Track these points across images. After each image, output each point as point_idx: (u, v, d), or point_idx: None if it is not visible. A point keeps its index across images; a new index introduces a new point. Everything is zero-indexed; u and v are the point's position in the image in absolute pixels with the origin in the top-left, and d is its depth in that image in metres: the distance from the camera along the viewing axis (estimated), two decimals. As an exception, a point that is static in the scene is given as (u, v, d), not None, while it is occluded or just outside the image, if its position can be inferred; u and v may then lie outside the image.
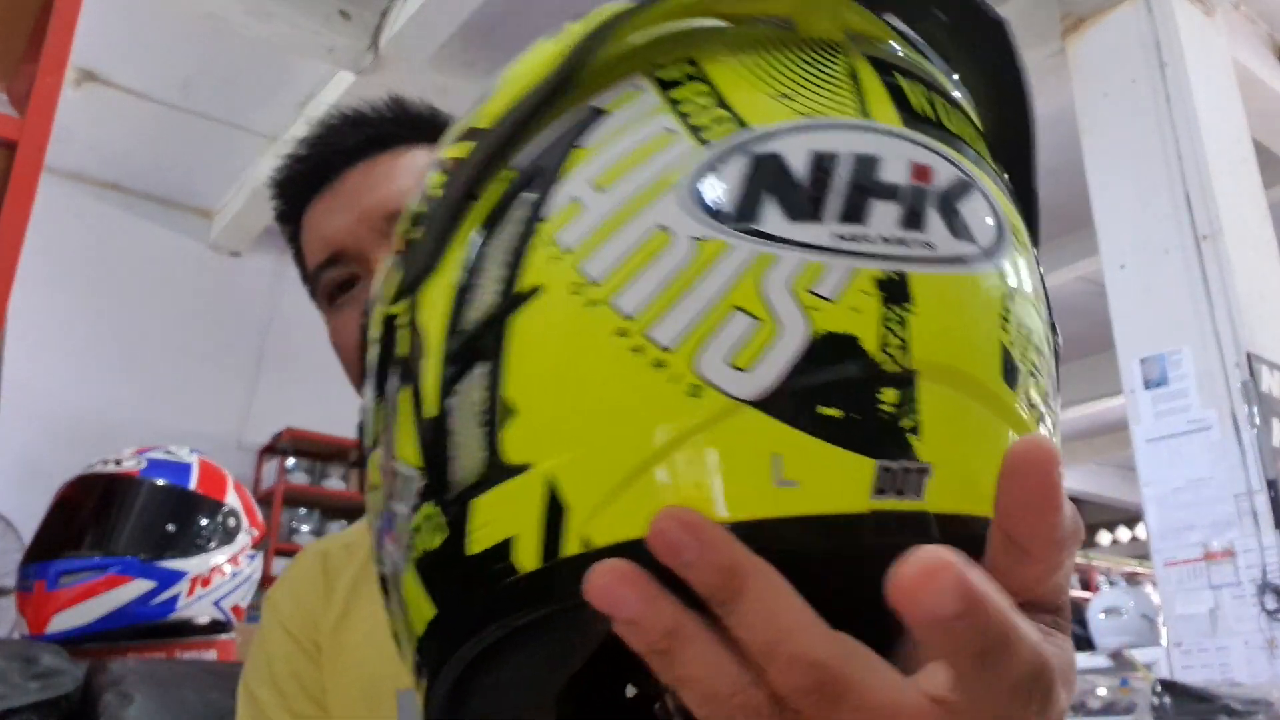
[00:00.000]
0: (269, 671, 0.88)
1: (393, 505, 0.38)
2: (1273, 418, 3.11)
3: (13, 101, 1.56)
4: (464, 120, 0.40)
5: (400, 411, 0.38)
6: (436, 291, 0.37)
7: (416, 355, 0.37)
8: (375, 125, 0.92)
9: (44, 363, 5.18)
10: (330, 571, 0.93)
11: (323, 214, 0.90)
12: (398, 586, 0.39)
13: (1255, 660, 2.97)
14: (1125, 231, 3.51)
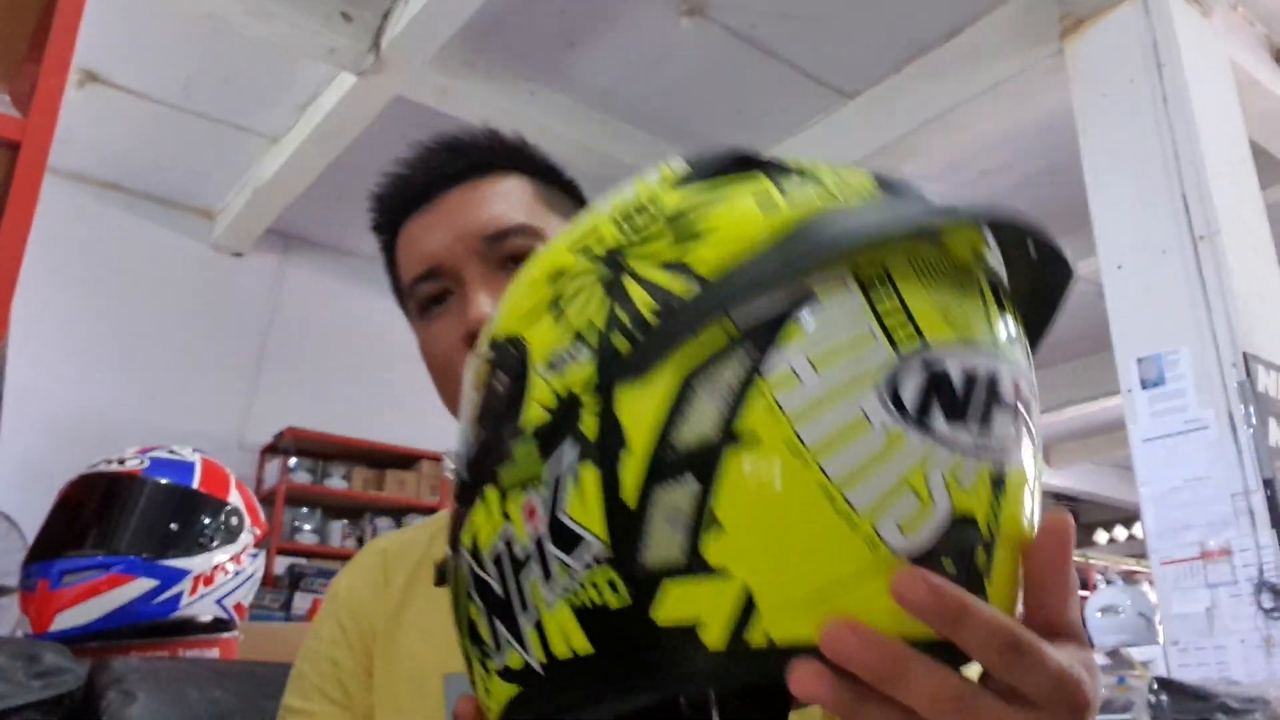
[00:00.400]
0: (315, 652, 0.97)
1: (550, 549, 0.46)
2: (1269, 417, 3.11)
3: (15, 102, 1.57)
4: (653, 241, 0.49)
5: (584, 483, 0.45)
6: (645, 401, 0.45)
7: (613, 446, 0.45)
8: (475, 153, 1.00)
9: (46, 363, 5.19)
10: (389, 567, 1.00)
11: (422, 230, 0.97)
12: (527, 610, 0.48)
13: (1252, 659, 2.98)
14: (1123, 232, 3.52)
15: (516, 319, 0.52)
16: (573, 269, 0.50)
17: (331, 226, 6.40)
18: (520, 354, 0.50)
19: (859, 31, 4.50)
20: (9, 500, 3.82)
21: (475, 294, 0.91)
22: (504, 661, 0.50)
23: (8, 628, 3.11)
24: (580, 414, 0.46)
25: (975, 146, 5.22)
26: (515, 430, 0.48)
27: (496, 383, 0.51)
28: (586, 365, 0.46)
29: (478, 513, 0.50)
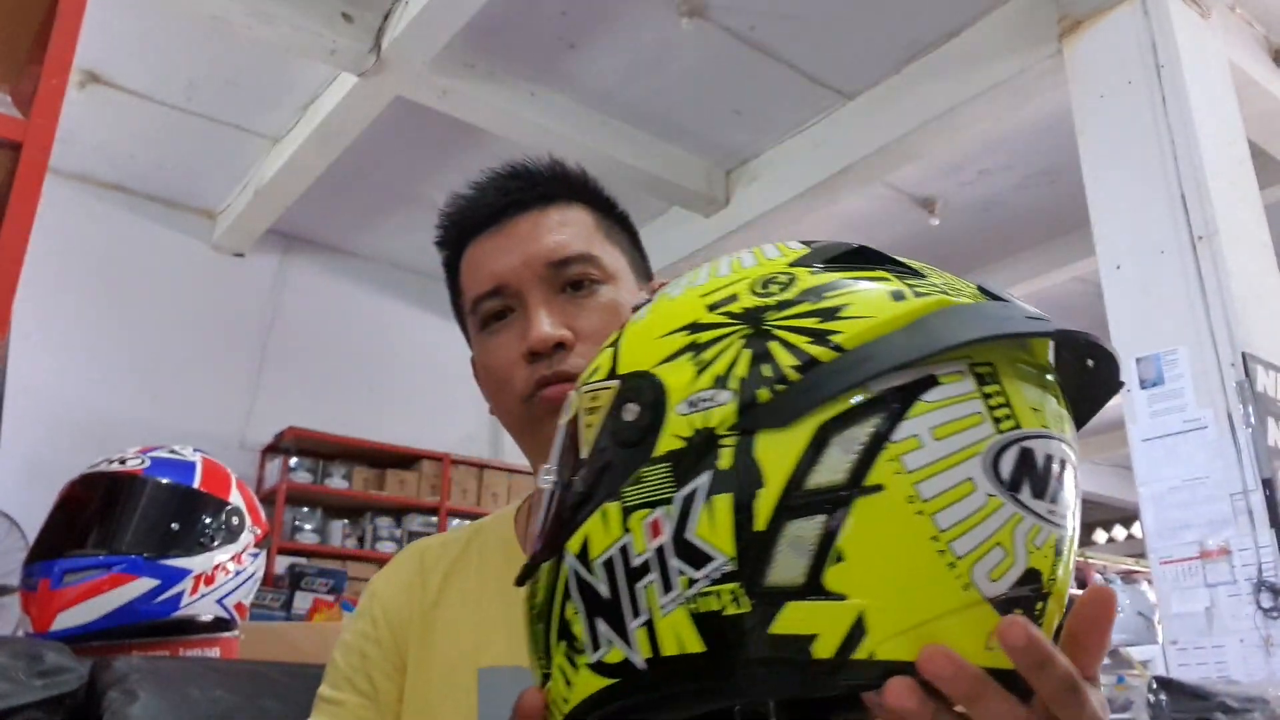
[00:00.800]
0: (347, 645, 1.03)
1: (673, 562, 0.54)
2: (1268, 417, 3.12)
3: (17, 103, 1.57)
4: (792, 308, 0.57)
5: (717, 509, 0.53)
6: (784, 446, 0.53)
7: (749, 481, 0.53)
8: (544, 182, 1.06)
9: (47, 362, 5.20)
10: (426, 567, 1.07)
11: (490, 251, 1.03)
12: (638, 612, 0.55)
13: (1251, 658, 2.99)
14: (1122, 232, 3.52)
15: (647, 358, 0.59)
16: (708, 321, 0.58)
17: (332, 227, 6.41)
18: (657, 391, 0.57)
19: (858, 32, 4.51)
20: (10, 500, 3.83)
21: (537, 314, 0.98)
22: (600, 656, 0.56)
23: (9, 627, 3.12)
24: (718, 450, 0.54)
25: (974, 147, 5.23)
26: (645, 456, 0.56)
27: (626, 412, 0.58)
28: (728, 408, 0.54)
29: (593, 523, 0.57)
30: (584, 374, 0.65)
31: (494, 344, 1.02)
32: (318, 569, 3.60)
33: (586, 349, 0.96)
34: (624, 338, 0.63)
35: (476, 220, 1.05)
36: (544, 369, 0.96)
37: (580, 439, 0.61)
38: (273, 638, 2.19)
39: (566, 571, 0.59)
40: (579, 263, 1.01)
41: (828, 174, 5.09)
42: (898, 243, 6.15)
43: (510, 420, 1.05)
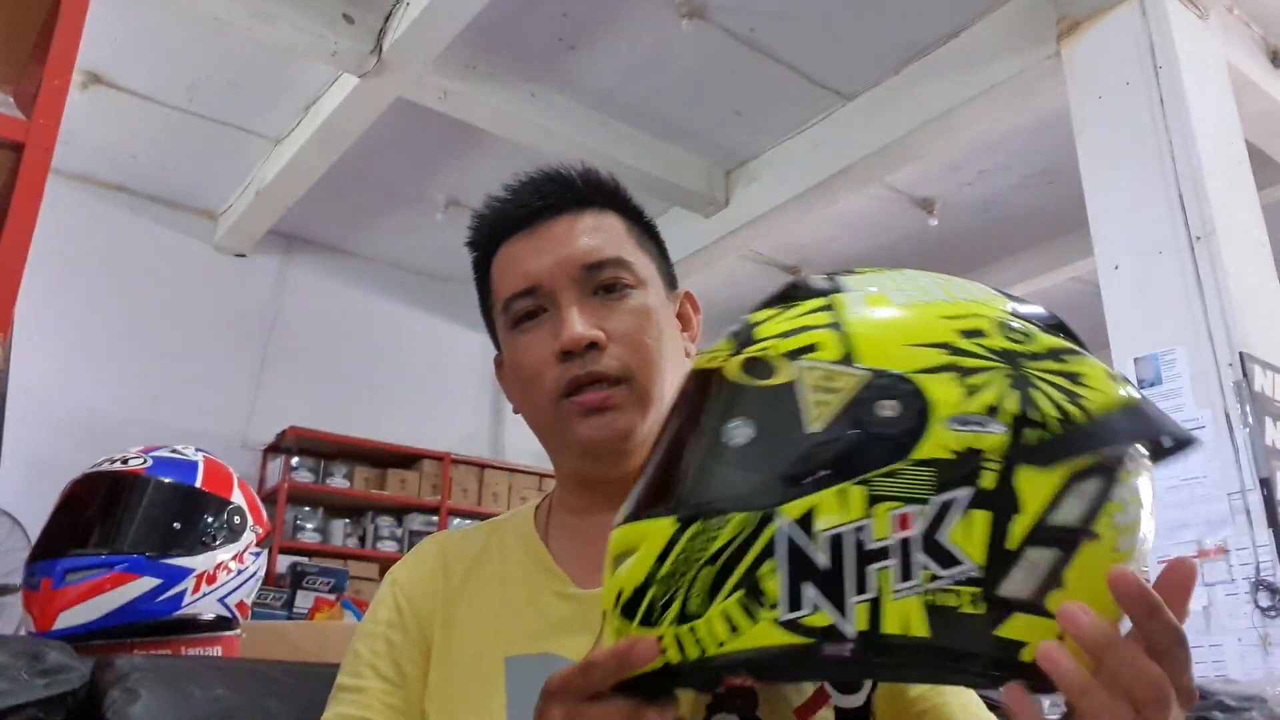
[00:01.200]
0: (372, 632, 1.04)
1: (918, 556, 0.61)
2: (1266, 417, 3.12)
3: (19, 104, 1.58)
4: (1041, 362, 0.66)
5: (974, 522, 0.61)
6: (1040, 484, 0.62)
7: (1007, 505, 0.61)
8: (579, 188, 1.08)
9: (49, 362, 5.21)
10: (449, 558, 1.09)
11: (524, 252, 1.05)
12: (864, 589, 0.61)
13: (1249, 657, 2.99)
14: (1120, 232, 3.53)
15: (899, 361, 0.65)
16: (967, 348, 0.66)
17: (334, 227, 6.42)
18: (920, 400, 0.63)
19: (858, 33, 4.51)
20: (12, 499, 3.84)
21: (570, 314, 0.99)
22: (796, 616, 0.62)
23: (11, 626, 3.13)
24: (981, 471, 0.62)
25: (973, 147, 5.23)
26: (903, 454, 0.62)
27: (882, 408, 0.63)
28: (1000, 439, 0.62)
29: (828, 497, 0.62)
30: (786, 344, 0.68)
31: (525, 342, 1.03)
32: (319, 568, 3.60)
33: (618, 350, 0.99)
34: (851, 328, 0.68)
35: (511, 222, 1.07)
36: (576, 368, 0.98)
37: (804, 410, 0.65)
38: (274, 637, 2.20)
39: (774, 531, 0.63)
40: (612, 266, 1.03)
41: (827, 174, 5.09)
42: (897, 243, 6.15)
43: (539, 419, 1.05)
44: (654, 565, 0.67)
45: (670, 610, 0.66)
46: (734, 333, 0.73)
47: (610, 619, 0.71)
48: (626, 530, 0.71)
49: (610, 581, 0.71)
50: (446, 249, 6.53)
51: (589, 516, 1.04)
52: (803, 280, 0.77)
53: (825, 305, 0.71)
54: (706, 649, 0.64)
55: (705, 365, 0.73)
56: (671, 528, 0.66)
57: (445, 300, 6.94)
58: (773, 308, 0.74)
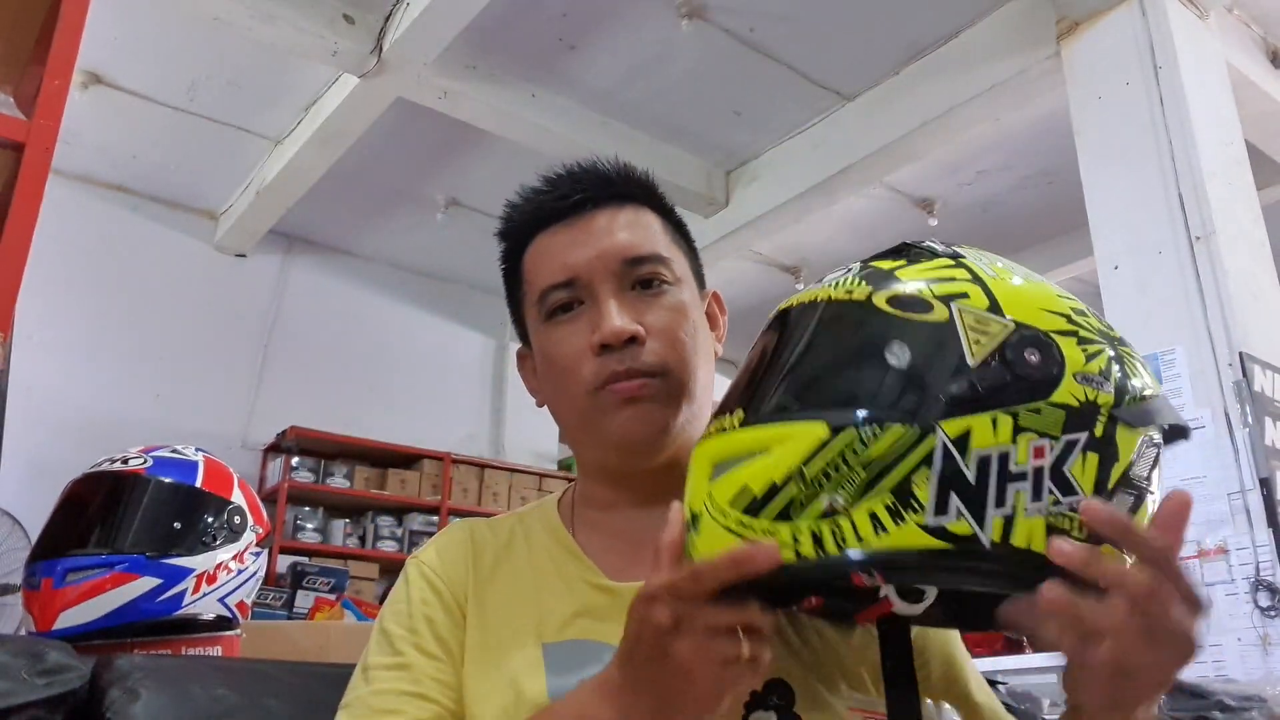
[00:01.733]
0: (407, 611, 1.03)
1: (1048, 482, 0.70)
2: (1265, 417, 3.13)
3: (20, 104, 1.58)
4: (1125, 347, 0.79)
5: (1087, 461, 0.71)
6: (1130, 441, 0.73)
7: (1110, 453, 0.72)
8: (620, 183, 1.09)
9: (50, 362, 5.21)
10: (477, 543, 1.09)
11: (564, 243, 1.04)
12: (1002, 505, 0.69)
13: (1249, 657, 2.99)
14: (1119, 232, 3.53)
15: (1038, 320, 0.75)
16: (1082, 324, 0.76)
17: (334, 227, 6.42)
18: (1057, 352, 0.73)
19: (857, 34, 4.51)
20: (13, 499, 3.84)
21: (609, 307, 0.99)
22: (942, 522, 0.69)
23: (12, 626, 3.13)
24: (1096, 420, 0.72)
25: (973, 148, 5.23)
26: (1044, 396, 0.71)
27: (1030, 354, 0.72)
28: (1107, 397, 0.73)
29: (980, 421, 0.70)
30: (938, 288, 0.76)
31: (561, 334, 1.03)
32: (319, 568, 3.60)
33: (656, 345, 0.99)
34: (992, 285, 0.77)
35: (549, 213, 1.07)
36: (615, 363, 0.98)
37: (965, 346, 0.73)
38: (274, 636, 2.19)
39: (933, 444, 0.70)
40: (651, 262, 1.03)
41: (827, 175, 5.10)
42: (896, 243, 6.14)
43: (572, 411, 1.04)
44: (800, 465, 0.71)
45: (813, 505, 0.71)
46: (863, 275, 0.81)
47: (720, 517, 0.75)
48: (749, 433, 0.76)
49: (722, 484, 0.76)
50: (446, 249, 6.55)
51: (615, 511, 1.05)
52: (917, 242, 0.85)
53: (955, 264, 0.80)
54: (847, 544, 0.70)
55: (840, 298, 0.79)
56: (822, 431, 0.72)
57: (445, 300, 6.95)
58: (886, 258, 0.83)
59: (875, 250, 0.87)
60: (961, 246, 0.84)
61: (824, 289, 0.82)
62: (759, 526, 0.73)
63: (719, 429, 0.79)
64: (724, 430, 0.78)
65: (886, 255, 0.84)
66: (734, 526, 0.74)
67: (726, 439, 0.78)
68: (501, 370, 7.09)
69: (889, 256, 0.83)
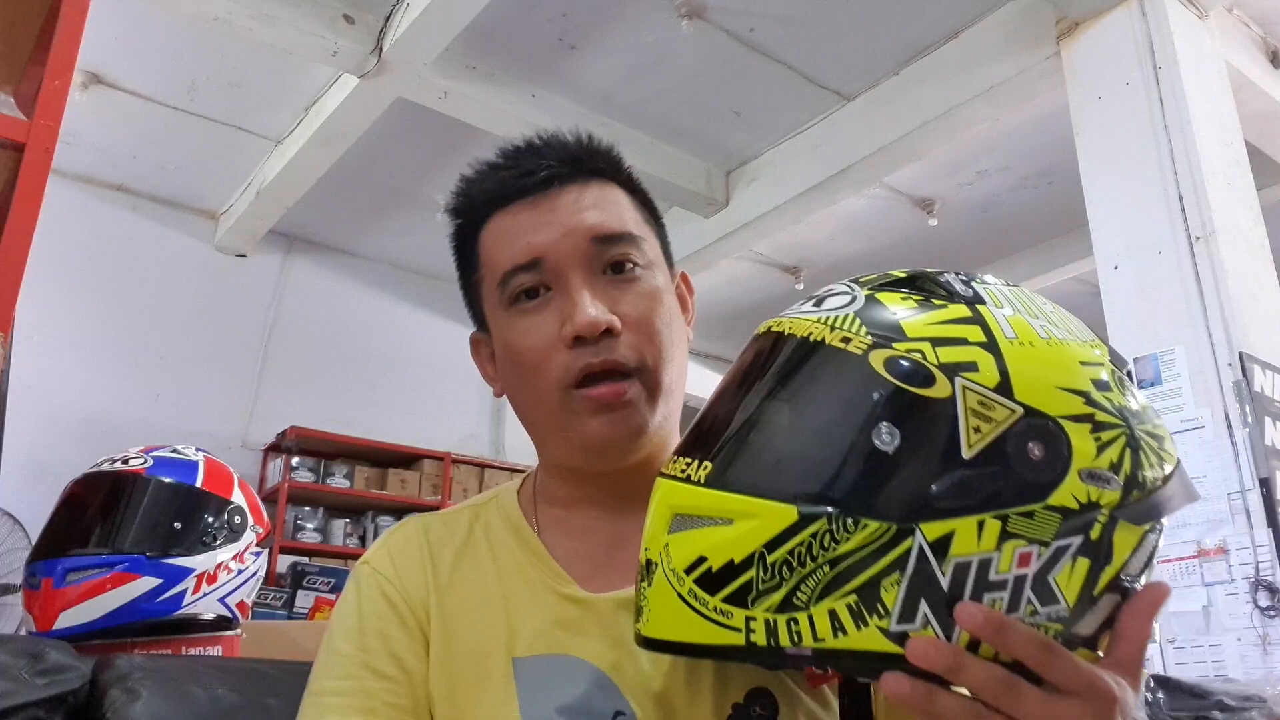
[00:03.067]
0: (357, 627, 0.95)
1: (1028, 592, 0.65)
2: (1265, 417, 3.13)
3: (20, 104, 1.58)
4: (1145, 425, 0.71)
5: (1077, 567, 0.65)
6: (1128, 539, 0.68)
7: (1104, 557, 0.66)
8: (587, 157, 1.01)
9: (50, 362, 5.21)
10: (433, 543, 1.01)
11: (528, 222, 0.96)
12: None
13: (1249, 656, 2.99)
14: (1119, 232, 3.53)
15: (1049, 403, 0.67)
16: (1099, 401, 0.68)
17: (334, 227, 6.42)
18: (1066, 449, 0.66)
19: (857, 34, 4.51)
20: (13, 499, 3.84)
21: (581, 296, 0.92)
22: (904, 629, 0.64)
23: (12, 626, 3.13)
24: (1095, 523, 0.66)
25: (973, 148, 5.23)
26: (1041, 498, 0.65)
27: (1033, 450, 0.65)
28: (1113, 494, 0.66)
29: (965, 525, 0.64)
30: (944, 353, 0.68)
31: (527, 325, 0.95)
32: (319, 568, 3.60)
33: (632, 338, 0.92)
34: (1006, 355, 0.68)
35: (510, 189, 0.98)
36: (589, 356, 0.91)
37: (962, 435, 0.66)
38: (275, 636, 2.20)
39: (910, 547, 0.64)
40: (624, 242, 0.96)
41: (827, 175, 5.10)
42: (897, 244, 6.16)
43: (538, 408, 0.96)
44: (762, 548, 0.66)
45: (771, 597, 0.66)
46: (867, 318, 0.72)
47: (674, 580, 0.70)
48: (714, 496, 0.70)
49: (680, 543, 0.70)
50: (446, 249, 6.49)
51: (579, 509, 1.00)
52: (934, 274, 0.75)
53: (971, 316, 0.71)
54: (802, 641, 0.65)
55: (836, 344, 0.71)
56: (790, 516, 0.66)
57: (445, 300, 6.94)
58: (898, 291, 0.74)
59: (876, 250, 0.84)
60: (985, 282, 0.75)
61: (821, 323, 0.73)
62: (713, 603, 0.68)
63: (684, 473, 0.73)
64: (688, 479, 0.72)
65: (900, 286, 0.75)
66: (686, 596, 0.69)
67: (689, 493, 0.71)
68: (502, 370, 7.09)
69: (902, 288, 0.74)
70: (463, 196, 1.03)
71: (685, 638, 0.70)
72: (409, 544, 1.02)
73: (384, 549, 1.02)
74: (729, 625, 0.67)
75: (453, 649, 0.93)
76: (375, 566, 1.00)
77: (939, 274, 0.75)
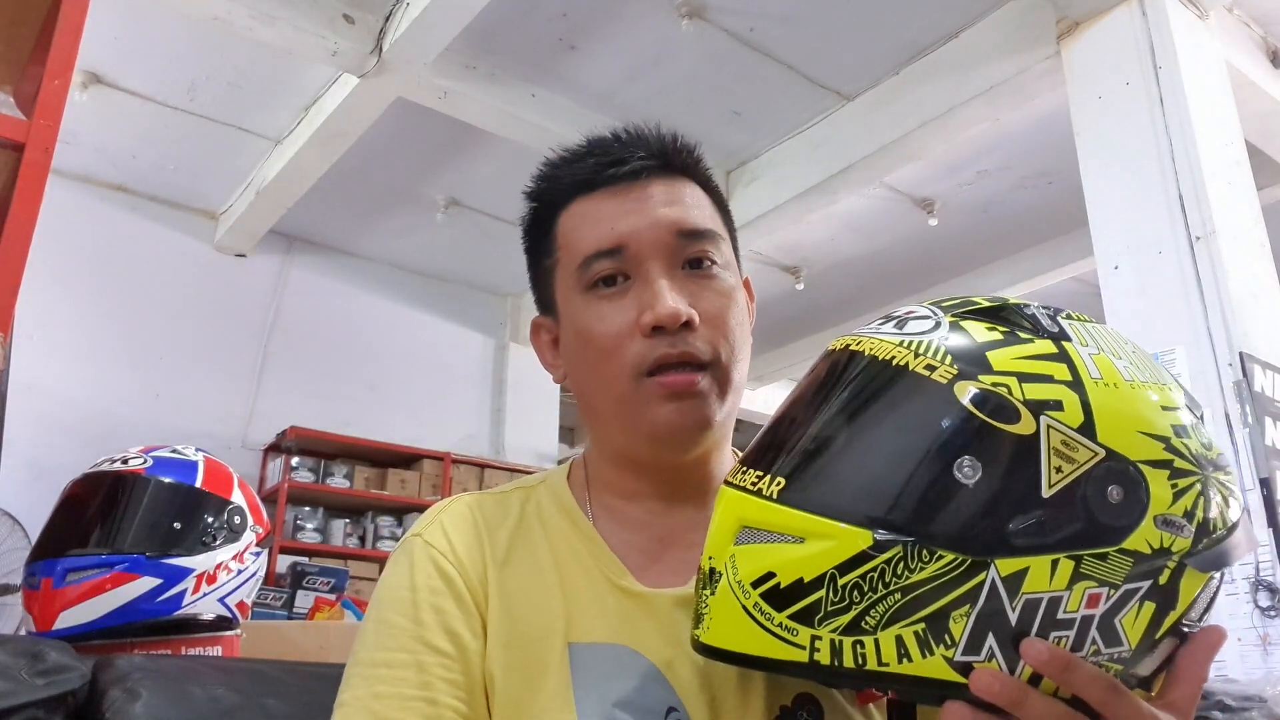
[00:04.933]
0: (410, 600, 0.93)
1: (1093, 633, 0.65)
2: (1265, 417, 3.13)
3: (20, 104, 1.58)
4: (1221, 473, 0.70)
5: (1143, 611, 0.66)
6: (1194, 585, 0.68)
7: (1169, 602, 0.67)
8: (675, 154, 1.03)
9: (50, 362, 5.21)
10: (487, 521, 1.00)
11: (614, 209, 0.97)
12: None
13: (1249, 657, 2.99)
14: (1119, 232, 3.53)
15: (1131, 447, 0.67)
16: (1179, 448, 0.68)
17: (334, 227, 6.42)
18: (1144, 494, 0.66)
19: (857, 34, 4.51)
20: (13, 499, 3.83)
21: (662, 286, 0.93)
22: (970, 660, 0.65)
23: (12, 626, 3.12)
24: (1165, 569, 0.66)
25: (973, 148, 5.23)
26: (1116, 541, 0.65)
27: (1112, 494, 0.65)
28: (1184, 542, 0.66)
29: (1039, 563, 0.64)
30: (1031, 390, 0.67)
31: (604, 310, 0.95)
32: (319, 568, 3.61)
33: (708, 332, 0.93)
34: (1091, 396, 0.67)
35: (601, 176, 0.99)
36: (666, 346, 0.91)
37: (1044, 473, 0.65)
38: (274, 636, 2.20)
39: (983, 580, 0.64)
40: (705, 239, 0.97)
41: (827, 175, 5.10)
42: (897, 243, 6.16)
43: (608, 394, 0.96)
44: (834, 570, 0.67)
45: (839, 619, 0.67)
46: (953, 348, 0.71)
47: (740, 593, 0.70)
48: (786, 513, 0.70)
49: (748, 555, 0.71)
50: (446, 249, 6.55)
51: (637, 502, 1.00)
52: (1020, 305, 0.75)
53: (1057, 353, 0.70)
54: (867, 664, 0.66)
55: (920, 371, 0.70)
56: (865, 541, 0.66)
57: (445, 300, 6.95)
58: (983, 321, 0.73)
59: (876, 250, 0.83)
60: (1070, 318, 0.74)
61: (904, 347, 0.71)
62: (779, 619, 0.68)
63: (754, 486, 0.73)
64: (759, 492, 0.72)
65: (984, 315, 0.74)
66: (752, 610, 0.69)
67: (760, 507, 0.71)
68: (501, 370, 7.09)
69: (987, 318, 0.73)
70: (546, 180, 1.04)
71: (747, 649, 0.70)
72: (463, 520, 1.00)
73: (436, 524, 1.00)
74: (793, 642, 0.68)
75: (510, 629, 0.92)
76: (429, 540, 0.98)
77: (1024, 306, 0.74)
